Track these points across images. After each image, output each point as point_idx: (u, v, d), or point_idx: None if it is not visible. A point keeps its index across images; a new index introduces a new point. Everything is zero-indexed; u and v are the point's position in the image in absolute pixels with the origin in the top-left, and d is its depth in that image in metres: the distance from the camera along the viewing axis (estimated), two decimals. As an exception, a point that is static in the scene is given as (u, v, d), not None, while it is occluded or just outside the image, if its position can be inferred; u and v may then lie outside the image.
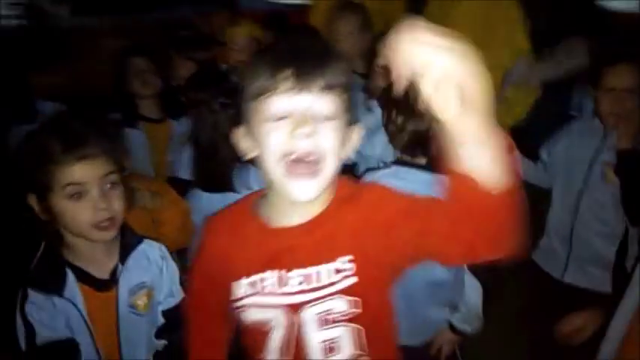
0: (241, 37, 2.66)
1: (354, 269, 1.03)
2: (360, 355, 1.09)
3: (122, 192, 1.32)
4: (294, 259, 1.04)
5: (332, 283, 1.03)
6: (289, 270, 1.04)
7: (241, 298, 1.08)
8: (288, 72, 0.92)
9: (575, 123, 2.19)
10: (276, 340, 1.08)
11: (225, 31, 2.71)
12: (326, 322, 1.06)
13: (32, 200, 1.29)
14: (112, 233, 1.30)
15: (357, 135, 1.06)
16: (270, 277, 1.05)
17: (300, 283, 1.04)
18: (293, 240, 1.05)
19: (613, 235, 2.00)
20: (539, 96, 2.47)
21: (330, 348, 1.08)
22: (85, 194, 1.25)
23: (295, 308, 1.05)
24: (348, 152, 1.05)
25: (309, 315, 1.05)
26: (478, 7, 2.43)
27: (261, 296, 1.06)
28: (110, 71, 2.49)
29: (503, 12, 2.41)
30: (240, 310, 1.09)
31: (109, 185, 1.28)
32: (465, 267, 1.58)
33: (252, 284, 1.07)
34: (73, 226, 1.28)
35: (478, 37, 2.24)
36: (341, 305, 1.05)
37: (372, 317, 1.08)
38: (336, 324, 1.06)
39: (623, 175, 1.87)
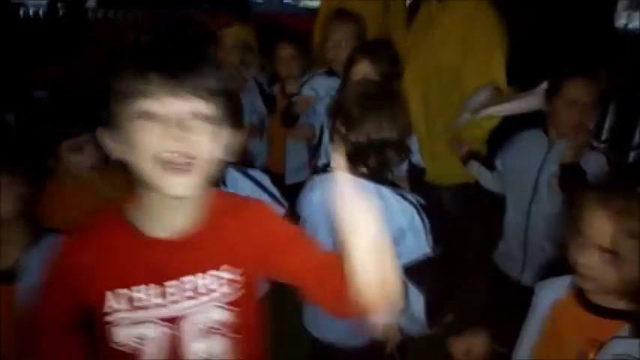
0: (231, 39, 2.79)
1: (232, 279, 1.07)
2: None
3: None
4: (173, 270, 1.04)
5: (210, 292, 1.06)
6: (168, 281, 1.03)
7: (110, 314, 1.03)
8: (158, 74, 0.91)
9: (523, 133, 2.29)
10: (150, 357, 1.05)
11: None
12: (205, 332, 1.07)
13: None
14: None
15: (241, 137, 1.10)
16: (146, 290, 1.03)
17: (180, 294, 1.04)
18: (171, 251, 1.03)
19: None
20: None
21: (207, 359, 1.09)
22: None
23: (174, 320, 1.05)
24: (229, 154, 1.05)
25: (188, 326, 1.06)
26: (459, 29, 2.52)
27: (133, 311, 1.03)
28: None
29: (485, 39, 2.49)
30: (109, 326, 1.04)
31: None
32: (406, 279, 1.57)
33: (125, 299, 1.03)
34: None
35: (456, 58, 2.42)
36: (219, 315, 1.07)
37: (247, 326, 1.11)
38: (215, 334, 1.08)
39: (567, 187, 1.98)
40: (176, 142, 0.92)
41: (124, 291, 1.02)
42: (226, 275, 1.07)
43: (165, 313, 1.04)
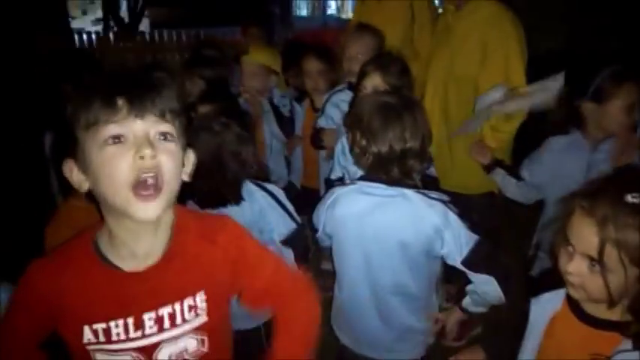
0: (250, 64, 2.81)
1: (206, 308, 1.08)
2: None
3: None
4: (150, 302, 1.04)
5: (185, 322, 1.07)
6: (145, 313, 1.03)
7: (87, 345, 1.04)
8: (122, 100, 0.92)
9: (554, 141, 2.21)
10: None
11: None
12: None
13: None
14: None
15: (192, 157, 1.09)
16: (124, 324, 1.03)
17: (157, 325, 1.04)
18: (143, 284, 1.03)
19: None
20: (523, 120, 2.48)
21: None
22: None
23: (149, 351, 1.05)
24: (186, 174, 1.06)
25: (162, 356, 1.07)
26: (476, 37, 2.49)
27: (110, 344, 1.03)
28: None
29: (502, 47, 2.44)
30: (86, 350, 1.05)
31: None
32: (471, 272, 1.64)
33: (103, 332, 1.03)
34: None
35: (473, 66, 2.38)
36: (193, 344, 1.09)
37: (218, 351, 1.14)
38: None
39: None
40: (149, 162, 0.92)
41: (102, 325, 1.02)
42: (201, 303, 1.08)
43: (141, 345, 1.05)
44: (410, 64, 2.52)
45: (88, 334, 1.03)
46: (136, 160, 0.91)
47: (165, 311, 1.04)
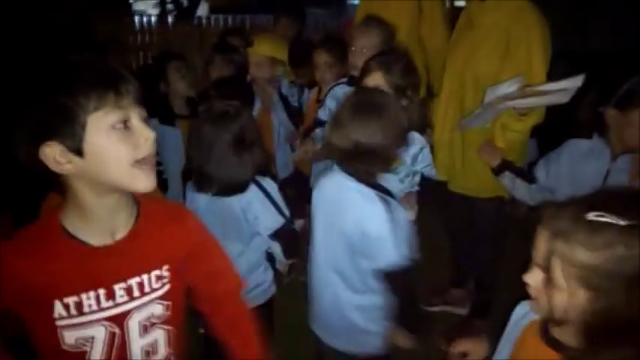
0: (255, 55, 2.84)
1: (169, 277, 1.21)
2: (170, 353, 1.27)
3: None
4: (117, 274, 1.13)
5: (153, 290, 1.18)
6: (116, 284, 1.13)
7: (58, 320, 1.09)
8: (124, 87, 1.02)
9: (575, 144, 2.12)
10: (95, 356, 1.14)
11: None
12: (147, 327, 1.19)
13: None
14: None
15: None
16: (95, 295, 1.11)
17: (127, 295, 1.14)
18: (113, 257, 1.11)
19: None
20: (538, 122, 2.39)
21: (148, 352, 1.22)
22: None
23: (120, 318, 1.15)
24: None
25: (133, 322, 1.17)
26: (498, 31, 2.39)
27: (80, 317, 1.10)
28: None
29: (525, 41, 2.33)
30: (57, 330, 1.10)
31: None
32: None
33: (74, 305, 1.09)
34: None
35: (494, 61, 2.30)
36: (159, 310, 1.20)
37: (178, 318, 1.26)
38: (154, 328, 1.21)
39: None
40: (148, 143, 1.06)
41: (73, 298, 1.09)
42: (166, 273, 1.20)
43: (113, 314, 1.14)
44: (415, 60, 2.48)
45: (59, 309, 1.08)
46: (143, 142, 1.05)
47: (134, 281, 1.15)
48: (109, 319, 1.13)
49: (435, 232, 3.25)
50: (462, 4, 2.80)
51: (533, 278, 1.04)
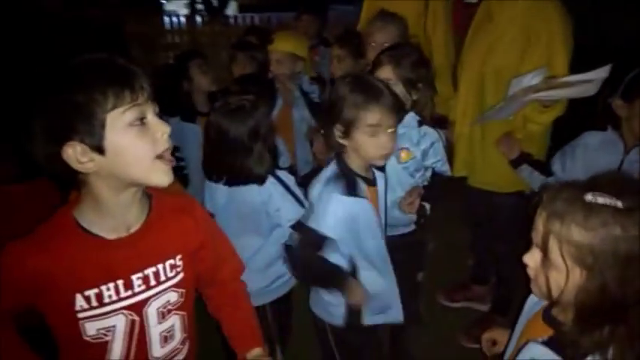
0: (276, 52, 2.86)
1: (183, 266, 1.27)
2: (185, 337, 1.34)
3: None
4: (133, 265, 1.19)
5: (168, 279, 1.25)
6: (134, 274, 1.19)
7: (80, 312, 1.14)
8: (137, 84, 1.06)
9: (589, 137, 2.12)
10: (117, 346, 1.20)
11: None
12: (164, 314, 1.26)
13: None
14: None
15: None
16: (115, 286, 1.16)
17: (145, 284, 1.20)
18: (129, 249, 1.17)
19: None
20: (561, 114, 2.35)
21: (166, 337, 1.29)
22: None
23: (139, 307, 1.21)
24: None
25: (151, 310, 1.23)
26: (519, 26, 2.37)
27: (100, 307, 1.15)
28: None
29: (546, 36, 2.31)
30: (78, 323, 1.15)
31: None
32: None
33: (95, 297, 1.14)
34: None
35: (515, 56, 2.28)
36: (174, 297, 1.27)
37: (191, 304, 1.34)
38: (171, 314, 1.28)
39: None
40: (165, 137, 1.10)
41: (94, 290, 1.14)
42: (179, 262, 1.27)
43: (132, 302, 1.19)
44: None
45: (80, 301, 1.13)
46: (160, 137, 1.10)
47: (150, 271, 1.21)
48: (128, 307, 1.19)
49: (456, 229, 3.25)
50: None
51: (532, 259, 1.07)
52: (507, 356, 1.29)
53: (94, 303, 1.14)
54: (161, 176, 1.11)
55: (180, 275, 1.27)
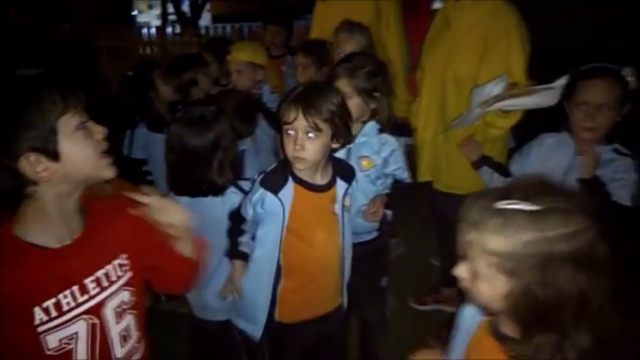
0: (238, 61, 2.85)
1: (129, 264, 1.33)
2: (139, 336, 1.38)
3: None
4: (84, 270, 1.23)
5: (119, 278, 1.30)
6: (85, 278, 1.22)
7: (41, 325, 1.15)
8: (75, 95, 1.16)
9: (544, 138, 2.16)
10: (81, 353, 1.22)
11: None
12: (120, 314, 1.30)
13: None
14: None
15: None
16: (71, 293, 1.19)
17: (98, 287, 1.25)
18: (76, 255, 1.21)
19: None
20: (518, 121, 2.41)
21: (125, 337, 1.32)
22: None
23: (97, 309, 1.24)
24: None
25: (108, 311, 1.27)
26: (477, 31, 2.42)
27: (60, 316, 1.17)
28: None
29: (503, 40, 2.36)
30: (40, 336, 1.15)
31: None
32: None
33: (54, 307, 1.16)
34: None
35: (473, 61, 2.32)
36: (127, 296, 1.32)
37: (142, 302, 1.37)
38: (126, 313, 1.32)
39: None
40: (102, 137, 1.22)
41: (52, 301, 1.16)
42: (125, 261, 1.32)
43: (90, 306, 1.23)
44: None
45: (39, 314, 1.15)
46: (100, 137, 1.21)
47: (100, 273, 1.26)
48: (87, 312, 1.22)
49: (424, 233, 3.28)
50: (439, 5, 2.83)
51: (462, 271, 1.06)
52: None
53: (54, 313, 1.16)
54: (109, 169, 1.23)
55: (129, 274, 1.32)
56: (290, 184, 1.76)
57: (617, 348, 0.99)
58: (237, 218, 1.89)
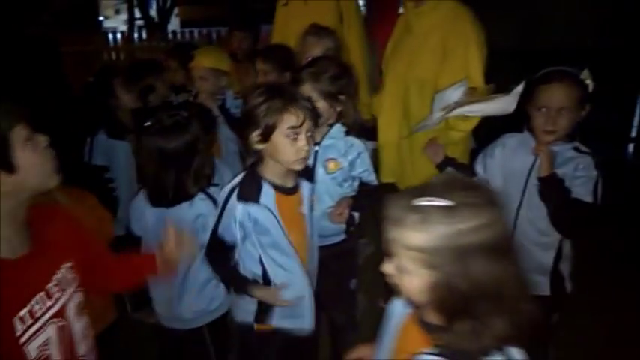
0: (201, 67, 2.82)
1: (76, 268, 1.38)
2: (92, 336, 1.46)
3: None
4: (43, 276, 1.29)
5: (73, 280, 1.36)
6: (47, 284, 1.28)
7: (22, 335, 1.20)
8: (21, 106, 1.19)
9: (508, 138, 2.20)
10: (55, 356, 1.28)
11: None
12: (78, 313, 1.37)
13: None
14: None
15: None
16: (39, 299, 1.25)
17: (59, 291, 1.30)
18: (33, 263, 1.26)
19: (550, 243, 2.04)
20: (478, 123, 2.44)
21: (85, 334, 1.39)
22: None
23: (62, 312, 1.31)
24: None
25: (70, 312, 1.33)
26: (436, 35, 2.45)
27: (35, 323, 1.23)
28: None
29: (461, 43, 2.41)
30: (21, 348, 1.20)
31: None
32: None
33: (28, 315, 1.21)
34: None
35: (434, 65, 2.35)
36: (80, 297, 1.38)
37: (88, 302, 1.43)
38: (82, 313, 1.39)
39: (546, 198, 1.95)
40: (47, 145, 1.26)
41: (26, 309, 1.21)
42: (72, 265, 1.37)
43: (56, 309, 1.29)
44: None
45: (18, 324, 1.19)
46: (46, 146, 1.25)
47: (57, 277, 1.32)
48: (56, 315, 1.28)
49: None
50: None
51: (389, 267, 1.10)
52: None
53: (29, 321, 1.20)
54: (56, 178, 1.28)
55: (78, 276, 1.38)
56: (267, 190, 1.76)
57: (531, 333, 1.04)
58: (218, 247, 1.84)
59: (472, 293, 0.99)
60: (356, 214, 2.16)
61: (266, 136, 1.70)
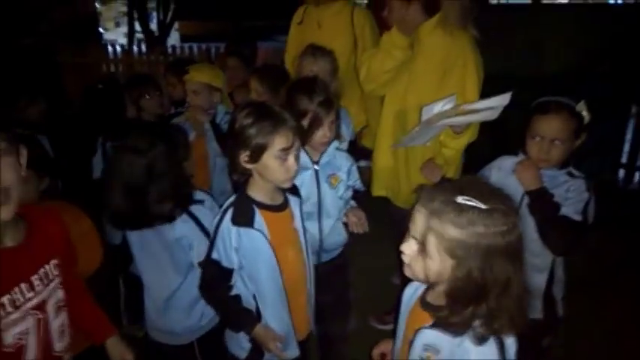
0: (195, 82, 2.83)
1: (60, 266, 1.46)
2: (70, 334, 1.52)
3: None
4: (31, 267, 1.38)
5: (55, 277, 1.44)
6: (32, 276, 1.37)
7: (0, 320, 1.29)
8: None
9: (502, 160, 2.23)
10: (31, 348, 1.36)
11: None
12: (57, 310, 1.45)
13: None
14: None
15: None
16: (20, 289, 1.33)
17: (42, 284, 1.39)
18: (21, 255, 1.35)
19: (543, 266, 2.07)
20: (472, 139, 2.48)
21: (62, 332, 1.47)
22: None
23: (42, 305, 1.38)
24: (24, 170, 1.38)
25: (50, 307, 1.41)
26: (439, 51, 2.48)
27: (15, 311, 1.31)
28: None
29: (459, 67, 2.45)
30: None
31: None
32: None
33: (8, 302, 1.30)
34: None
35: (433, 87, 2.39)
36: (61, 294, 1.46)
37: (68, 300, 1.51)
38: (61, 310, 1.47)
39: (535, 211, 1.99)
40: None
41: (7, 297, 1.29)
42: (59, 262, 1.45)
43: (36, 302, 1.36)
44: (352, 90, 2.55)
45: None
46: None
47: (42, 271, 1.39)
48: (35, 307, 1.35)
49: (383, 250, 3.31)
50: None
51: (410, 248, 1.23)
52: (398, 346, 1.44)
53: (9, 308, 1.28)
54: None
55: (61, 274, 1.45)
56: (257, 213, 1.75)
57: (528, 326, 1.20)
58: (214, 274, 1.79)
59: (485, 286, 1.15)
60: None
61: (256, 158, 1.69)
